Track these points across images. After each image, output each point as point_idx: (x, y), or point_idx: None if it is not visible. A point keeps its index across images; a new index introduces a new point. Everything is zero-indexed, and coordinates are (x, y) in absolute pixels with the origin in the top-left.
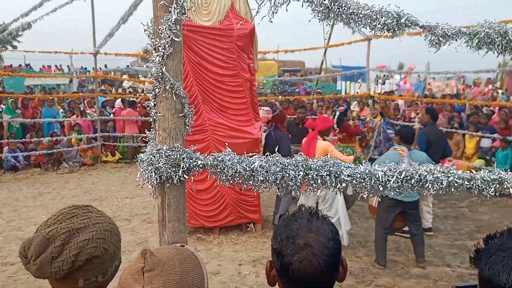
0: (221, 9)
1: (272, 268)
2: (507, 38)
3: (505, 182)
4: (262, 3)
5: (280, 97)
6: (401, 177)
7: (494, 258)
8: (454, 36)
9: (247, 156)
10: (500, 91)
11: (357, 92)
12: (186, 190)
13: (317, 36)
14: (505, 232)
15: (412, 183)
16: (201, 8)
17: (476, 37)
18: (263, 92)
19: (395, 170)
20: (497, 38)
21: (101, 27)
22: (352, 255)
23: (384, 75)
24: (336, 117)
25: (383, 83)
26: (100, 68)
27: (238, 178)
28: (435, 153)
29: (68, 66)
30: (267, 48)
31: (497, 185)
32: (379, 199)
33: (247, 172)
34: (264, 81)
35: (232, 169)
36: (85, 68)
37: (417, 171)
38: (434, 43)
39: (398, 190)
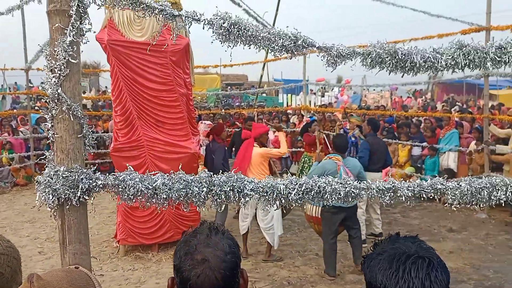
0: (155, 25)
1: (174, 285)
2: (396, 57)
3: (399, 191)
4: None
5: (222, 110)
6: (302, 189)
7: (373, 262)
8: (349, 56)
9: (150, 174)
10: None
11: (299, 105)
12: (123, 208)
13: (260, 50)
14: (387, 238)
15: (312, 194)
16: (134, 24)
17: (369, 56)
18: (206, 106)
19: (296, 183)
20: (387, 58)
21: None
22: (290, 265)
23: (324, 88)
24: (301, 127)
25: (323, 96)
26: (38, 86)
27: (140, 197)
28: (377, 162)
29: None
30: (211, 62)
31: (392, 193)
32: (322, 209)
33: (150, 191)
34: (208, 95)
35: (134, 188)
36: (20, 85)
37: (317, 183)
38: (330, 63)
39: (299, 202)
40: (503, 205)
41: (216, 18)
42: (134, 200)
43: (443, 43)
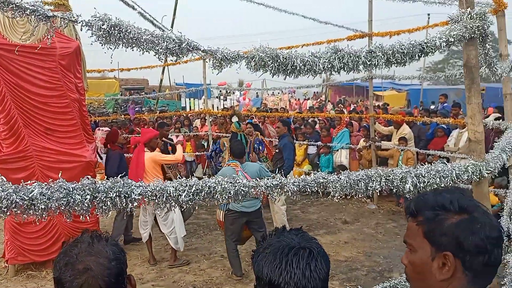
0: (41, 27)
1: None
2: (278, 61)
3: (285, 186)
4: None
5: (123, 116)
6: (192, 190)
7: (260, 256)
8: (234, 59)
9: (25, 183)
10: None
11: (201, 109)
12: (11, 225)
13: (143, 53)
14: (273, 232)
15: (203, 195)
16: (18, 26)
17: (253, 60)
18: (104, 112)
19: (185, 185)
20: (270, 61)
21: None
22: (196, 269)
23: (226, 91)
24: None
25: (225, 99)
26: None
27: (16, 209)
28: (292, 159)
29: None
30: (107, 66)
31: (279, 189)
32: (225, 213)
33: (26, 202)
34: (106, 100)
35: (7, 200)
36: None
37: (206, 183)
38: (216, 65)
39: (190, 203)
40: (383, 194)
41: (95, 19)
42: (8, 213)
43: (320, 48)
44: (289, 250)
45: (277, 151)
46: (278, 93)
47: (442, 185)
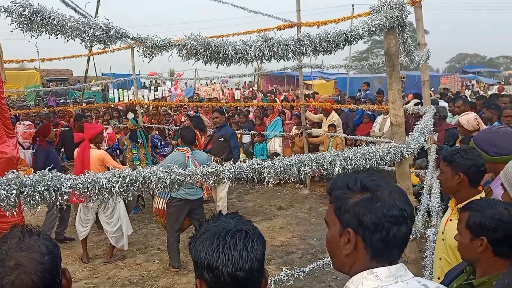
0: None
1: None
2: (210, 49)
3: (221, 174)
4: None
5: (45, 109)
6: (126, 181)
7: (198, 241)
8: (165, 47)
9: None
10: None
11: (131, 100)
12: None
13: (68, 41)
14: (210, 217)
15: (138, 185)
16: None
17: (184, 48)
18: (25, 105)
19: (119, 176)
20: (201, 49)
21: None
22: (131, 264)
23: (157, 82)
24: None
25: (156, 90)
26: None
27: None
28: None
29: None
30: (27, 56)
31: (215, 177)
32: (168, 201)
33: None
34: (26, 93)
35: None
36: None
37: (141, 173)
38: (146, 53)
39: (124, 194)
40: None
41: (15, 5)
42: None
43: (250, 37)
44: (226, 234)
45: (221, 140)
46: (210, 81)
47: (368, 167)
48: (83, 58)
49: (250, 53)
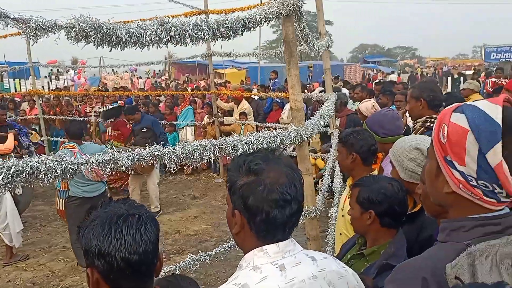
0: None
1: None
2: (101, 32)
3: (119, 161)
4: None
5: None
6: (11, 172)
7: (87, 229)
8: (51, 28)
9: None
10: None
11: (29, 90)
12: None
13: None
14: (99, 205)
15: (25, 176)
16: None
17: (73, 30)
18: None
19: (2, 166)
20: (92, 32)
21: None
22: (34, 265)
23: (58, 70)
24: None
25: (57, 79)
26: None
27: None
28: None
29: None
30: None
31: (112, 165)
32: (65, 201)
33: None
34: None
35: None
36: None
37: (28, 163)
38: (30, 35)
39: (10, 186)
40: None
41: None
42: None
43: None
44: (117, 218)
45: (144, 130)
46: (116, 71)
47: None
48: None
49: (146, 37)
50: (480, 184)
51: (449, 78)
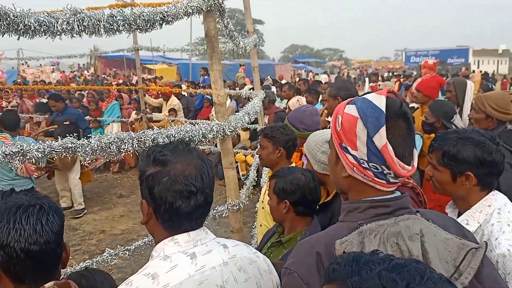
0: None
1: None
2: (8, 19)
3: (28, 153)
4: None
5: None
6: None
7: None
8: None
9: None
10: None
11: None
12: None
13: None
14: (0, 196)
15: None
16: None
17: None
18: None
19: None
20: None
21: None
22: None
23: None
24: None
25: None
26: None
27: None
28: None
29: None
30: None
31: (21, 157)
32: None
33: None
34: None
35: None
36: None
37: None
38: None
39: None
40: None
41: None
42: None
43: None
44: (17, 209)
45: (66, 123)
46: (40, 65)
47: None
48: None
49: (57, 26)
50: (371, 167)
51: (367, 79)
